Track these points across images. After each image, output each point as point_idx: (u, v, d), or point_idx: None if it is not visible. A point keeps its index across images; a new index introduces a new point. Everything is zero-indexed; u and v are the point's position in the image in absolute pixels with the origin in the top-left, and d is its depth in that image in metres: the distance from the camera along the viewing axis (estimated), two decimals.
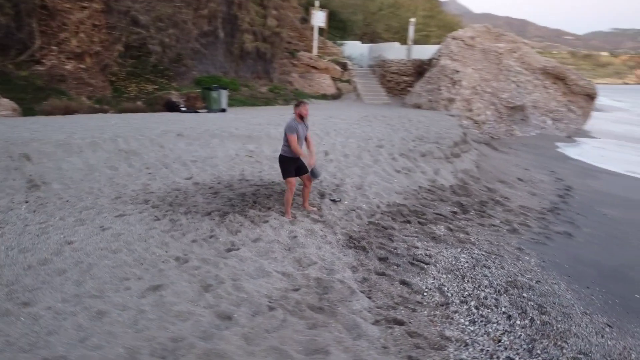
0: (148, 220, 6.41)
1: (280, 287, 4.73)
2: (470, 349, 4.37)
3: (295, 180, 7.10)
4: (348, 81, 23.59)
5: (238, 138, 10.63)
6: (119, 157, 9.00)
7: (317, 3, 24.77)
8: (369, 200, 8.18)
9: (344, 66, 24.06)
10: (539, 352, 4.50)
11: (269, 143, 10.51)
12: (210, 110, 16.55)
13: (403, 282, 5.52)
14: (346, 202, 7.98)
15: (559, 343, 4.71)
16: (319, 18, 24.72)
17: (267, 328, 3.88)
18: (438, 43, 33.66)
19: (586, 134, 23.66)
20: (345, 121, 13.73)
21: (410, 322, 4.58)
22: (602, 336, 5.02)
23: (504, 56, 22.51)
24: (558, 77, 23.71)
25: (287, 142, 6.97)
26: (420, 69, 22.31)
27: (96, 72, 18.35)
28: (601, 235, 8.56)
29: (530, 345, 4.60)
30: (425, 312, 4.93)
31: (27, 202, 6.89)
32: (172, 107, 16.28)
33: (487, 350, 4.42)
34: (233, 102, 19.16)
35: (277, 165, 9.38)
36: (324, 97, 22.63)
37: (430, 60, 21.94)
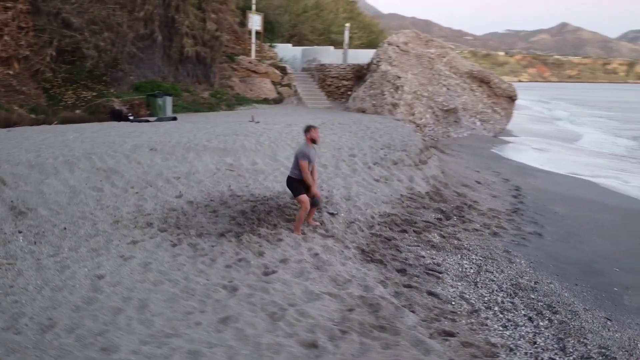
0: (166, 246, 6.26)
1: (335, 308, 4.90)
2: (518, 354, 4.82)
3: (308, 198, 7.23)
4: (288, 85, 23.75)
5: (214, 151, 10.48)
6: (99, 176, 8.58)
7: (253, 7, 24.66)
8: (362, 212, 8.50)
9: (283, 70, 24.18)
10: (570, 350, 5.06)
11: (246, 156, 10.48)
12: (160, 119, 16.01)
13: (430, 293, 5.89)
14: (342, 215, 8.23)
15: (581, 340, 5.31)
16: (255, 22, 24.62)
17: (353, 353, 4.05)
18: (362, 45, 34.79)
19: (509, 133, 25.66)
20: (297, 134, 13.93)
21: (458, 333, 4.95)
22: (609, 330, 5.71)
23: (435, 61, 23.80)
24: (483, 81, 25.48)
25: (297, 166, 7.06)
26: (360, 73, 22.99)
27: (27, 79, 17.04)
28: (562, 233, 9.52)
29: (560, 345, 5.15)
30: (463, 321, 5.33)
31: (20, 232, 6.43)
32: (118, 116, 15.55)
33: (531, 352, 4.90)
34: (176, 109, 18.62)
35: (260, 178, 9.46)
36: (266, 101, 22.63)
37: (368, 65, 22.67)
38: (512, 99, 26.01)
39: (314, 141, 7.17)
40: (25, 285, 4.98)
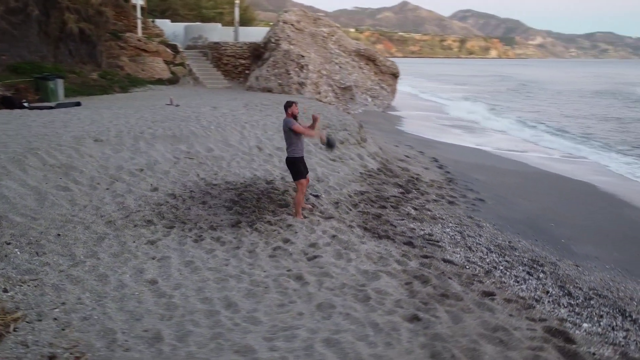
0: (190, 242, 6.00)
1: (396, 284, 5.27)
2: (544, 303, 5.67)
3: (306, 183, 7.37)
4: (182, 64, 22.67)
5: (165, 139, 9.89)
6: (56, 174, 7.68)
7: None
8: (339, 192, 8.85)
9: (174, 48, 22.96)
10: (576, 294, 6.07)
11: (199, 142, 10.09)
12: (61, 104, 14.39)
13: (445, 261, 6.52)
14: (323, 196, 8.51)
15: (575, 285, 6.38)
16: None
17: (451, 320, 4.48)
18: (231, 22, 34.22)
19: (394, 109, 27.54)
20: (235, 111, 13.67)
21: (494, 292, 5.65)
22: (584, 274, 6.91)
23: (327, 40, 24.51)
24: (369, 59, 26.88)
25: (292, 140, 7.15)
26: (258, 52, 22.78)
27: None
28: (495, 197, 10.87)
29: (565, 291, 6.15)
30: (487, 281, 6.05)
31: (8, 243, 5.64)
32: (10, 104, 13.65)
33: (551, 300, 5.79)
34: (66, 92, 16.86)
35: (224, 165, 9.30)
36: (161, 82, 21.40)
37: (266, 43, 22.56)
38: (395, 75, 27.88)
39: (294, 116, 7.32)
40: (77, 301, 4.51)
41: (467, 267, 6.47)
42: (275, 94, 19.16)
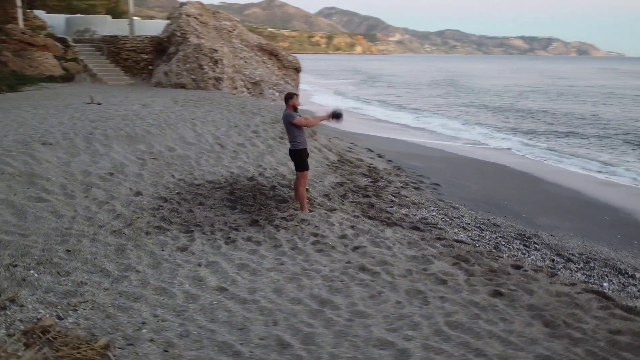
0: (224, 245, 5.59)
1: (448, 265, 5.48)
2: (563, 269, 6.28)
3: (307, 175, 7.27)
4: (75, 60, 20.56)
5: (120, 140, 8.95)
6: (21, 184, 6.60)
7: None
8: (321, 184, 8.83)
9: (64, 42, 20.72)
10: (575, 259, 6.79)
11: (157, 141, 9.32)
12: None
13: (457, 241, 6.88)
14: (309, 189, 8.42)
15: (569, 252, 7.12)
16: None
17: (526, 293, 4.79)
18: (101, 12, 31.97)
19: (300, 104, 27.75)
20: (170, 109, 12.77)
21: (520, 265, 6.10)
22: (566, 242, 7.71)
23: (232, 34, 23.92)
24: (272, 53, 26.72)
25: (295, 133, 7.02)
26: (161, 46, 21.45)
27: None
28: (444, 181, 11.57)
29: (565, 258, 6.84)
30: (504, 256, 6.52)
31: (14, 265, 4.77)
32: None
33: (563, 267, 6.42)
34: None
35: (194, 164, 8.82)
36: (52, 79, 19.23)
37: (169, 37, 21.34)
38: (297, 70, 28.07)
39: (295, 109, 7.23)
40: (156, 318, 3.98)
41: (477, 245, 6.90)
42: (192, 90, 18.28)
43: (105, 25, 24.33)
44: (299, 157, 7.12)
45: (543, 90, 45.48)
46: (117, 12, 30.22)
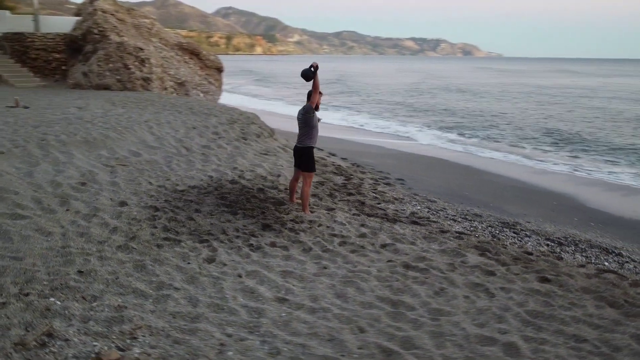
0: (252, 253, 5.19)
1: (478, 256, 5.55)
2: (567, 252, 6.62)
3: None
4: None
5: (77, 146, 7.98)
6: None
7: None
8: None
9: None
10: (564, 242, 7.20)
11: (118, 146, 8.48)
12: None
13: (459, 233, 7.02)
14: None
15: (554, 235, 7.54)
16: None
17: (569, 277, 4.97)
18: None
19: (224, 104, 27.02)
20: (112, 111, 11.69)
21: (530, 251, 6.36)
22: (543, 227, 8.17)
23: (151, 32, 22.63)
24: (193, 53, 25.67)
25: (309, 130, 6.73)
26: (75, 45, 19.69)
27: None
28: (405, 177, 11.80)
29: (558, 242, 7.23)
30: (508, 242, 6.75)
31: (26, 294, 4.05)
32: None
33: (562, 249, 6.78)
34: None
35: (166, 169, 8.27)
36: None
37: (84, 35, 19.67)
38: (219, 70, 27.23)
39: (317, 107, 6.92)
40: (232, 339, 3.57)
41: (476, 235, 7.08)
42: (119, 91, 16.99)
43: (3, 21, 21.85)
44: (309, 155, 6.83)
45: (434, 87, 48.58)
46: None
